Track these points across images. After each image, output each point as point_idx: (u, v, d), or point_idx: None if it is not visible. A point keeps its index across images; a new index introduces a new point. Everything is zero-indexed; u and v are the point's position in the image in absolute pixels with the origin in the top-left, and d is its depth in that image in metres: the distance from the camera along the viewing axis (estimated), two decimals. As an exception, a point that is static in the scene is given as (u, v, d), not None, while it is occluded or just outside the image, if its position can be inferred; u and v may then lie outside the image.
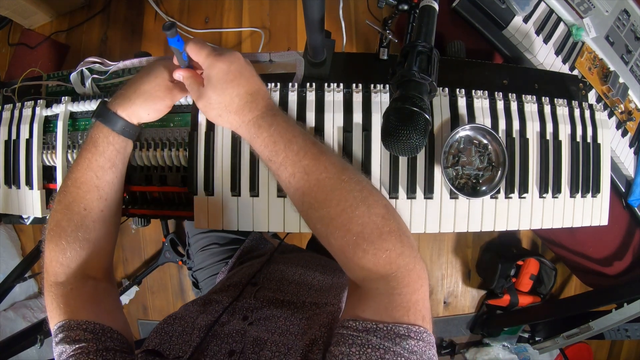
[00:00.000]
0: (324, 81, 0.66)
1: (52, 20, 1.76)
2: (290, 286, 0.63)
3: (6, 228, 1.72)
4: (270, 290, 0.61)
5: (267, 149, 0.48)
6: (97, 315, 0.48)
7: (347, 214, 0.42)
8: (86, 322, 0.47)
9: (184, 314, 0.54)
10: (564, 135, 0.71)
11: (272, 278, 0.65)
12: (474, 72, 0.74)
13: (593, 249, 1.02)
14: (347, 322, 0.40)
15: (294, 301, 0.58)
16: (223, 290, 0.64)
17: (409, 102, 0.45)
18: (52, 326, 0.49)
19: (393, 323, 0.38)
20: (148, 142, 0.67)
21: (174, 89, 0.55)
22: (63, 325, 0.47)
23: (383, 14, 1.64)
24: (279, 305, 0.57)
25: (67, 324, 0.47)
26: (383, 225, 0.42)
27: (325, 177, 0.45)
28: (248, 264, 0.77)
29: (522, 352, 1.63)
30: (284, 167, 0.47)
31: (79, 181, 0.52)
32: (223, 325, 0.51)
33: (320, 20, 0.53)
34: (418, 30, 0.51)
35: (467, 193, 0.64)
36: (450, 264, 1.74)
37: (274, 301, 0.58)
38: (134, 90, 0.53)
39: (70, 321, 0.47)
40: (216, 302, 0.59)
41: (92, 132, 0.53)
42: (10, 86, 0.80)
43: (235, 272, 0.73)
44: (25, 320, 1.57)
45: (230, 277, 0.70)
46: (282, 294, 0.60)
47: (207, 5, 1.74)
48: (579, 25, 0.87)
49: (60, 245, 0.51)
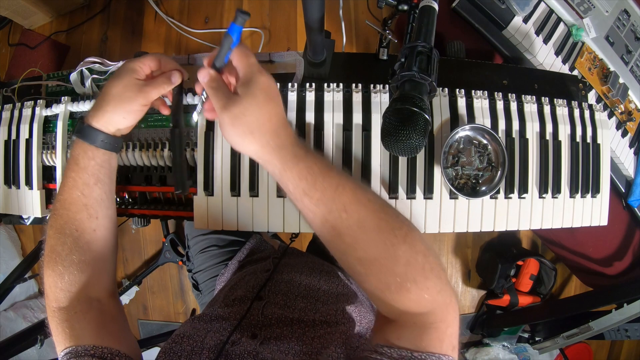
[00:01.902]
0: (324, 81, 0.66)
1: (52, 20, 1.76)
2: (297, 300, 0.61)
3: (6, 228, 1.72)
4: (278, 305, 0.59)
5: (304, 181, 0.42)
6: (104, 339, 0.47)
7: (390, 254, 0.40)
8: (94, 347, 0.45)
9: (191, 332, 0.52)
10: (564, 135, 0.71)
11: (277, 291, 0.63)
12: (474, 72, 0.74)
13: (593, 249, 1.02)
14: (381, 348, 0.39)
15: (303, 319, 0.56)
16: (228, 305, 0.62)
17: (409, 102, 0.45)
18: (59, 351, 0.47)
19: (427, 353, 0.38)
20: (148, 142, 0.67)
21: (146, 87, 0.51)
22: (70, 352, 0.46)
23: (383, 14, 1.64)
24: (289, 323, 0.55)
25: (74, 350, 0.45)
26: (424, 262, 0.40)
27: (365, 215, 0.41)
28: (250, 270, 0.76)
29: (522, 352, 1.63)
30: (322, 204, 0.41)
31: (66, 202, 0.50)
32: (233, 345, 0.49)
33: (320, 20, 0.53)
34: (418, 30, 0.51)
35: (467, 193, 0.64)
36: (450, 264, 1.74)
37: (283, 319, 0.56)
38: (103, 97, 0.51)
39: (77, 347, 0.46)
40: (222, 318, 0.57)
41: (72, 150, 0.52)
42: (10, 86, 0.80)
43: (237, 281, 0.72)
44: (25, 320, 1.57)
45: (233, 289, 0.68)
46: (290, 311, 0.58)
47: (207, 5, 1.74)
48: (579, 26, 0.87)
49: (57, 271, 0.49)
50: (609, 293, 1.05)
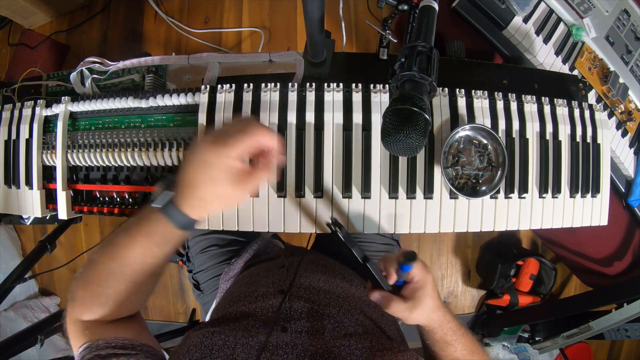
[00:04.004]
0: (324, 81, 0.66)
1: (52, 20, 1.76)
2: (320, 295, 0.61)
3: (6, 228, 1.72)
4: (302, 299, 0.59)
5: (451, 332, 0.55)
6: (127, 334, 0.46)
7: None
8: (115, 339, 0.44)
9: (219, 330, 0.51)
10: (564, 135, 0.71)
11: (299, 285, 0.63)
12: (474, 72, 0.74)
13: (593, 249, 1.02)
14: None
15: (331, 314, 0.57)
16: (252, 301, 0.61)
17: (409, 102, 0.45)
18: (76, 349, 0.46)
19: None
20: (148, 142, 0.67)
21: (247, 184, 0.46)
22: (90, 347, 0.44)
23: (383, 14, 1.64)
24: (318, 318, 0.55)
25: (93, 344, 0.44)
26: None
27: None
28: (262, 267, 0.76)
29: (522, 352, 1.63)
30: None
31: (123, 262, 0.47)
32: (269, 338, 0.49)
33: (320, 20, 0.53)
34: (418, 30, 0.51)
35: (467, 193, 0.64)
36: (450, 263, 1.74)
37: (313, 313, 0.56)
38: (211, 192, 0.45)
39: (97, 341, 0.44)
40: (249, 315, 0.56)
41: (152, 224, 0.47)
42: (10, 86, 0.81)
43: (250, 279, 0.71)
44: (25, 320, 1.57)
45: (251, 285, 0.67)
46: (316, 305, 0.58)
47: (207, 5, 1.74)
48: (579, 26, 0.87)
49: (94, 292, 0.48)
50: (609, 293, 1.05)
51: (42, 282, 1.81)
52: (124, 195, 0.71)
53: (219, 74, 0.71)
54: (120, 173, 0.71)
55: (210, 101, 0.64)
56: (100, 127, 0.71)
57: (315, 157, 0.63)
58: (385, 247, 0.89)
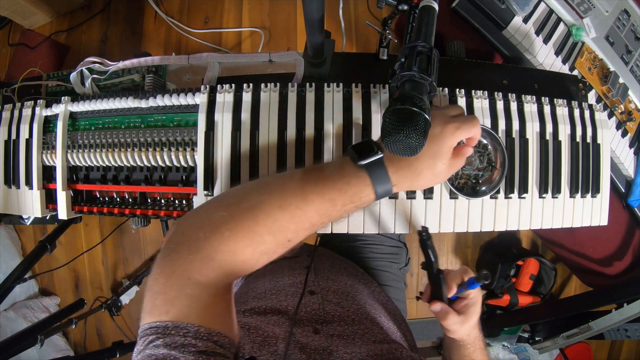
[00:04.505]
0: (324, 81, 0.66)
1: (52, 20, 1.76)
2: (349, 300, 0.61)
3: (6, 228, 1.72)
4: (333, 303, 0.59)
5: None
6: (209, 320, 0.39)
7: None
8: (218, 334, 0.38)
9: (255, 323, 0.50)
10: (564, 135, 0.71)
11: (327, 288, 0.63)
12: (474, 72, 0.74)
13: (593, 249, 1.02)
14: None
15: (362, 321, 0.58)
16: (281, 299, 0.60)
17: (409, 102, 0.45)
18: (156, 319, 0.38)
19: None
20: (148, 142, 0.67)
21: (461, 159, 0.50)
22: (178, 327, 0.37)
23: (383, 14, 1.64)
24: (350, 323, 0.55)
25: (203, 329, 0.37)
26: None
27: None
28: (284, 263, 0.75)
29: (522, 352, 1.63)
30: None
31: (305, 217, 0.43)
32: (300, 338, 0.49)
33: (320, 20, 0.53)
34: (418, 30, 0.51)
35: (467, 193, 0.64)
36: (450, 264, 1.74)
37: (344, 318, 0.56)
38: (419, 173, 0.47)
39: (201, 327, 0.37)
40: (278, 312, 0.55)
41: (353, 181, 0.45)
42: (10, 86, 0.81)
43: (274, 273, 0.70)
44: (25, 320, 1.57)
45: (276, 281, 0.67)
46: (346, 311, 0.58)
47: (207, 5, 1.74)
48: (579, 26, 0.87)
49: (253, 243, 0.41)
50: (609, 293, 1.05)
51: (42, 282, 1.81)
52: (123, 195, 0.71)
53: (219, 74, 0.71)
54: (120, 173, 0.71)
55: (210, 101, 0.64)
56: (100, 127, 0.71)
57: (315, 157, 0.63)
58: (393, 249, 0.89)
